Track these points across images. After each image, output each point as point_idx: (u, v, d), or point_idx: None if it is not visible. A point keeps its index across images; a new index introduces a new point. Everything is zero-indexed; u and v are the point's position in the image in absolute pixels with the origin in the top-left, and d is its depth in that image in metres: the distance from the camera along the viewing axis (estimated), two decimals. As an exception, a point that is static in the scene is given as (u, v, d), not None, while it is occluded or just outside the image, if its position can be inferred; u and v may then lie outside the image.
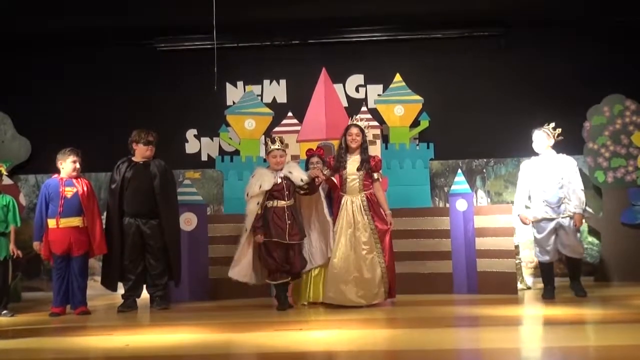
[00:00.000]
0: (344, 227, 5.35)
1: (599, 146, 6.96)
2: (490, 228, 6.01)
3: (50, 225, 5.44)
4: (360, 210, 5.37)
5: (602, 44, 7.11)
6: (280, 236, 5.25)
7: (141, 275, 5.70)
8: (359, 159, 5.43)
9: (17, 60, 7.44)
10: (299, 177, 5.39)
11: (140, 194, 5.65)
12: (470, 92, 7.24)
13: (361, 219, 5.34)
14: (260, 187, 5.27)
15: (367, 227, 5.34)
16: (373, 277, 5.27)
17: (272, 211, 5.31)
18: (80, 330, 4.74)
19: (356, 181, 5.40)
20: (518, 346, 3.88)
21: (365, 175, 5.41)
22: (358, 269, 5.26)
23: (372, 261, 5.29)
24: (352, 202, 5.40)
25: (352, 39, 7.42)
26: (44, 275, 7.11)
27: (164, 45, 7.42)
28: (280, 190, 5.35)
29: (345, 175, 5.45)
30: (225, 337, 4.22)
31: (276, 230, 5.25)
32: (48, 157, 5.97)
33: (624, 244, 6.78)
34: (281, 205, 5.33)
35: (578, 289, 5.58)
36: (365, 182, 5.42)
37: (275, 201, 5.34)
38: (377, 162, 5.49)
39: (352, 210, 5.37)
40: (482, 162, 7.24)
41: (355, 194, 5.41)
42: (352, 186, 5.41)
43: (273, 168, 5.41)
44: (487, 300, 5.54)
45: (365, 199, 5.40)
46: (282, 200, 5.34)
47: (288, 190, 5.37)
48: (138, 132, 5.78)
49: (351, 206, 5.38)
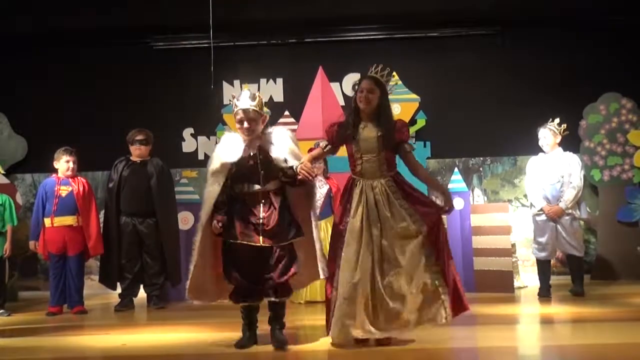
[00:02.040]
0: (362, 229, 3.63)
1: (595, 144, 6.97)
2: (486, 226, 6.02)
3: (46, 224, 5.46)
4: (387, 201, 3.66)
5: (598, 43, 7.10)
6: (247, 236, 3.62)
7: (138, 274, 5.70)
8: (375, 128, 3.74)
9: (14, 59, 7.40)
10: (281, 157, 3.67)
11: (137, 193, 5.65)
12: (467, 90, 7.23)
13: (391, 213, 3.63)
14: (221, 160, 3.67)
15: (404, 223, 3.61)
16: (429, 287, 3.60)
17: (241, 199, 3.70)
18: (77, 329, 4.73)
19: (374, 158, 3.73)
20: (515, 344, 3.88)
21: (388, 150, 3.74)
22: (390, 296, 3.55)
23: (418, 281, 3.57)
24: (372, 189, 3.70)
25: (349, 37, 7.41)
26: (40, 274, 7.09)
27: (161, 44, 7.40)
28: (252, 168, 3.68)
29: (358, 149, 3.76)
30: (223, 336, 4.20)
31: (242, 228, 3.62)
32: (45, 156, 5.97)
33: (620, 242, 6.79)
34: (254, 191, 3.68)
35: (577, 287, 5.56)
36: (389, 159, 3.76)
37: (245, 185, 3.69)
38: (401, 127, 3.80)
39: (373, 201, 3.67)
40: (478, 161, 7.23)
41: (376, 177, 3.73)
42: (370, 166, 3.73)
43: (244, 137, 3.73)
44: (484, 298, 5.55)
45: (392, 183, 3.72)
46: (255, 184, 3.69)
47: (265, 169, 3.69)
48: (133, 132, 5.81)
49: (372, 195, 3.68)
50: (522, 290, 6.12)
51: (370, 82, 3.75)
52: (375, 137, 3.71)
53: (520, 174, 7.06)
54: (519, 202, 7.08)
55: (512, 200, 7.07)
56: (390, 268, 3.57)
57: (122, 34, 7.29)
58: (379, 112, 3.75)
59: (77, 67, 7.41)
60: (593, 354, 3.44)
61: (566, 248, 5.61)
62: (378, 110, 3.74)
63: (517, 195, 7.11)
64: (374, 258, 3.58)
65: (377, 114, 3.74)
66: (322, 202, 5.75)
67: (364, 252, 3.58)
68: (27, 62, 7.41)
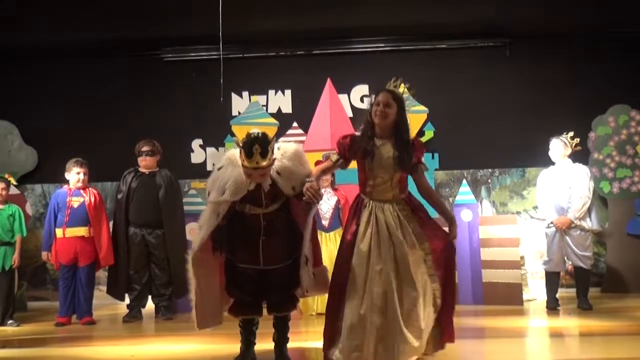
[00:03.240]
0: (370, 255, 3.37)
1: (604, 156, 6.94)
2: (495, 238, 6.00)
3: (57, 235, 5.49)
4: (399, 225, 3.41)
5: (607, 55, 7.10)
6: (249, 260, 3.57)
7: (146, 285, 5.72)
8: (391, 146, 3.48)
9: (26, 71, 7.48)
10: (289, 186, 3.50)
11: (145, 204, 5.68)
12: (475, 102, 7.23)
13: (403, 238, 3.38)
14: (224, 192, 3.46)
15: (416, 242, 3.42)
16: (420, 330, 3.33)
17: (242, 219, 3.58)
18: (85, 340, 4.75)
19: (388, 179, 3.48)
20: (523, 358, 3.86)
21: (403, 170, 3.49)
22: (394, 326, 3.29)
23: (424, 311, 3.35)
24: (382, 211, 3.45)
25: (357, 49, 7.44)
26: (49, 284, 7.11)
27: (170, 56, 7.46)
28: (256, 194, 3.53)
29: (372, 167, 3.49)
30: (230, 348, 4.19)
31: (244, 251, 3.58)
32: (54, 167, 6.03)
33: (630, 255, 6.74)
34: (256, 213, 3.56)
35: (583, 303, 5.54)
36: (402, 181, 3.52)
37: (247, 205, 3.56)
38: (420, 147, 3.60)
39: (384, 224, 3.41)
40: (487, 173, 7.22)
41: (388, 199, 3.48)
42: (383, 187, 3.49)
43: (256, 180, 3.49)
44: (493, 311, 5.53)
45: (404, 206, 3.49)
46: (258, 207, 3.56)
47: (269, 197, 3.56)
48: (139, 143, 5.85)
49: (383, 217, 3.43)
50: (531, 303, 6.08)
51: (388, 95, 3.53)
52: (391, 156, 3.45)
53: (528, 186, 7.04)
54: (528, 214, 7.05)
55: (521, 212, 7.05)
56: (406, 296, 3.30)
57: (132, 46, 7.35)
58: (396, 128, 3.50)
59: (88, 78, 7.48)
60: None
61: (573, 260, 5.59)
62: (395, 126, 3.50)
63: (525, 207, 7.08)
64: (386, 285, 3.30)
65: (393, 130, 3.50)
66: (331, 215, 5.76)
67: (371, 280, 3.33)
68: (38, 74, 7.49)
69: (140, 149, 5.81)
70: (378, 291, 3.30)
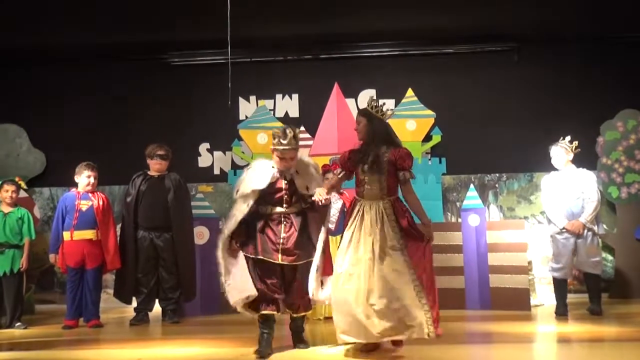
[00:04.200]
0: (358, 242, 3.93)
1: (612, 161, 6.92)
2: (502, 243, 5.99)
3: (65, 238, 5.51)
4: (381, 221, 3.93)
5: (615, 59, 7.09)
6: (268, 253, 3.95)
7: (154, 288, 5.73)
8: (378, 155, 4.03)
9: (34, 75, 7.55)
10: (304, 185, 4.06)
11: (154, 207, 5.69)
12: (483, 107, 7.23)
13: (386, 229, 3.92)
14: (253, 186, 4.01)
15: (393, 242, 3.91)
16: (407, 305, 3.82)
17: (264, 219, 4.04)
18: (92, 343, 4.77)
19: (375, 184, 4.00)
20: (531, 364, 3.84)
21: (389, 176, 4.01)
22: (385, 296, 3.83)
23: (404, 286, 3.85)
24: (369, 209, 3.99)
25: (364, 54, 7.46)
26: (57, 287, 7.15)
27: (178, 60, 7.50)
28: (278, 193, 4.05)
29: (363, 173, 4.05)
30: (236, 351, 4.21)
31: (264, 245, 3.96)
32: (62, 170, 6.06)
33: (638, 260, 6.72)
34: (277, 212, 4.04)
35: (594, 307, 5.50)
36: (389, 185, 4.03)
37: (270, 207, 4.05)
38: (402, 157, 3.99)
39: (369, 220, 3.95)
40: (494, 177, 7.21)
41: (375, 199, 4.01)
42: (370, 190, 4.01)
43: (285, 166, 4.07)
44: (500, 316, 5.51)
45: (389, 206, 3.99)
46: (279, 207, 4.06)
47: (290, 195, 4.07)
48: (150, 147, 5.85)
49: (369, 215, 3.97)
50: (538, 309, 6.06)
51: (357, 114, 4.18)
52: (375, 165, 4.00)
53: (536, 191, 7.02)
54: (535, 219, 7.03)
55: (529, 217, 7.03)
56: (381, 283, 3.81)
57: (140, 50, 7.39)
58: (372, 138, 4.02)
59: (95, 82, 7.53)
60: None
61: (584, 266, 5.56)
62: (371, 136, 4.03)
63: (533, 212, 7.07)
64: (364, 274, 3.83)
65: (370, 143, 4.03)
66: (337, 218, 5.75)
67: (353, 268, 3.87)
68: (47, 78, 7.55)
69: (155, 152, 5.81)
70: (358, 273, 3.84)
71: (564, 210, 5.58)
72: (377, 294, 3.81)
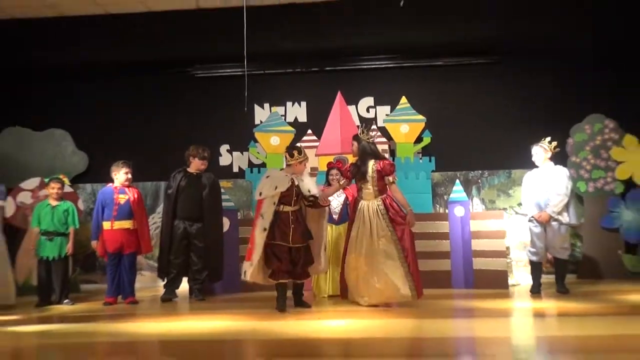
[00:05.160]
0: (361, 232, 4.80)
1: (580, 160, 6.92)
2: (484, 231, 6.00)
3: (105, 227, 5.54)
4: (376, 215, 4.78)
5: (584, 70, 7.06)
6: (283, 239, 4.75)
7: (183, 269, 5.75)
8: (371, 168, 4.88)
9: (79, 87, 7.60)
10: (307, 187, 4.86)
11: (191, 200, 5.71)
12: (468, 112, 7.24)
13: (378, 223, 4.76)
14: (276, 188, 4.76)
15: (385, 231, 4.73)
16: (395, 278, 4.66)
17: (278, 215, 4.79)
18: (129, 317, 4.81)
19: (369, 187, 4.87)
20: (509, 335, 3.87)
21: (379, 181, 4.84)
22: (379, 272, 4.70)
23: (393, 265, 4.67)
24: (368, 207, 4.84)
25: (364, 66, 7.48)
26: (99, 270, 7.22)
27: (202, 73, 7.54)
28: (289, 195, 4.81)
29: (359, 183, 4.99)
30: (253, 324, 4.26)
31: (280, 234, 4.73)
32: (102, 169, 6.10)
33: (603, 246, 6.73)
34: (287, 210, 4.81)
35: (561, 287, 5.53)
36: (380, 187, 4.86)
37: (282, 206, 4.81)
38: (385, 166, 4.85)
39: (368, 215, 4.81)
40: (477, 174, 7.23)
41: (371, 199, 4.86)
42: (367, 192, 4.90)
43: (296, 173, 4.88)
44: (482, 294, 5.53)
45: (381, 202, 4.82)
46: (288, 206, 4.82)
47: (296, 196, 4.85)
48: (195, 148, 5.82)
49: (367, 211, 4.83)
50: (515, 288, 6.07)
51: (352, 139, 5.07)
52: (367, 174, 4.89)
53: (514, 185, 7.03)
54: (513, 210, 7.05)
55: (507, 208, 7.05)
56: (377, 261, 4.71)
57: (169, 65, 7.45)
58: (362, 156, 4.92)
59: (131, 93, 7.59)
60: (578, 345, 3.43)
61: (552, 251, 5.57)
62: (362, 155, 4.92)
63: (511, 204, 7.08)
64: (365, 254, 4.76)
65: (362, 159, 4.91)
66: (340, 210, 5.79)
67: (359, 253, 4.80)
68: (89, 90, 7.61)
69: (202, 154, 5.80)
70: (361, 258, 4.79)
71: (537, 201, 5.60)
72: (374, 269, 4.70)
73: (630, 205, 6.68)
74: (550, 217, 5.48)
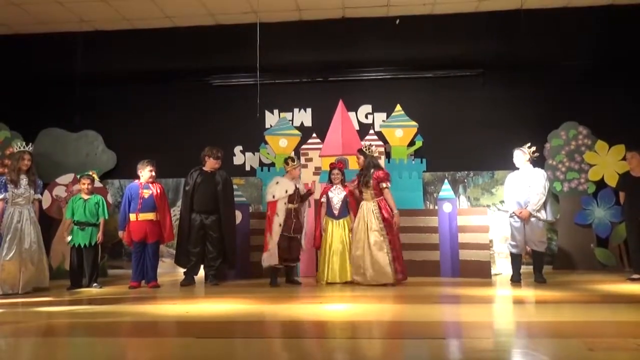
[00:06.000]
0: (361, 226, 5.42)
1: (557, 162, 6.87)
2: (469, 226, 5.97)
3: (131, 219, 5.54)
4: (372, 213, 5.38)
5: (560, 82, 7.01)
6: (287, 231, 5.39)
7: (200, 257, 5.75)
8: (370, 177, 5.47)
9: (109, 93, 7.58)
10: (302, 189, 5.64)
11: (206, 196, 5.70)
12: (455, 119, 7.19)
13: (373, 219, 5.36)
14: (286, 191, 5.40)
15: (377, 226, 5.35)
16: (382, 265, 5.28)
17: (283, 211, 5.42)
18: (152, 300, 4.80)
19: (369, 192, 5.45)
20: (491, 320, 3.84)
21: (375, 186, 5.42)
22: (370, 259, 5.31)
23: (381, 254, 5.29)
24: (367, 206, 5.45)
25: (363, 77, 7.43)
26: (125, 257, 7.21)
27: (218, 82, 7.51)
28: (292, 195, 5.44)
29: (362, 187, 5.54)
30: (262, 307, 4.25)
31: (285, 226, 5.38)
32: (129, 166, 6.09)
33: (576, 240, 6.68)
34: (290, 207, 5.43)
35: (539, 277, 5.49)
36: (376, 191, 5.43)
37: (287, 204, 5.43)
38: (379, 176, 5.45)
39: (366, 212, 5.43)
40: (463, 174, 7.18)
41: (369, 200, 5.46)
42: (367, 195, 5.49)
43: (294, 178, 5.55)
44: (467, 282, 5.50)
45: (376, 204, 5.41)
46: (291, 204, 5.44)
47: (298, 196, 5.51)
48: (210, 149, 5.82)
49: (366, 210, 5.44)
50: (497, 277, 6.04)
51: (357, 152, 5.67)
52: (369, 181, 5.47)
53: (496, 185, 6.99)
54: (495, 207, 7.00)
55: (490, 205, 7.00)
56: (370, 250, 5.32)
57: (189, 74, 7.42)
58: (366, 168, 5.50)
59: (155, 99, 7.55)
60: (554, 329, 3.40)
61: (531, 244, 5.53)
62: (366, 166, 5.51)
63: (494, 202, 7.03)
64: (364, 245, 5.36)
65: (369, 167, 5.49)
66: (340, 206, 5.77)
67: (358, 241, 5.41)
68: (118, 95, 7.58)
69: (216, 154, 5.80)
70: (361, 247, 5.38)
71: (518, 200, 5.56)
72: (367, 258, 5.30)
73: (601, 203, 6.63)
74: (530, 214, 5.43)
